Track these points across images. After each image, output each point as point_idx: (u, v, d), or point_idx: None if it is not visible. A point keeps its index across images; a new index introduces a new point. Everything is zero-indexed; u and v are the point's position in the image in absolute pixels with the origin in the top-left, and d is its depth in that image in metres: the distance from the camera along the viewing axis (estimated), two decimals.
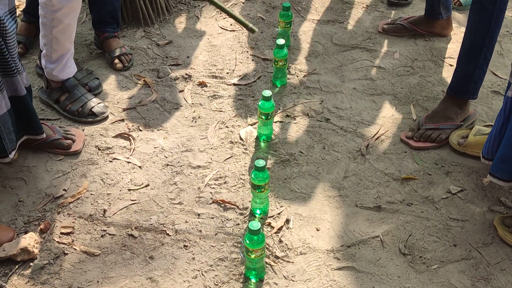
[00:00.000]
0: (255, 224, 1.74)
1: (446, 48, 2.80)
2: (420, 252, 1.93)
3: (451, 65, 2.69)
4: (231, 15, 2.04)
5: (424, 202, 2.09)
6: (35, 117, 2.11)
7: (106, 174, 2.17)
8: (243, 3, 3.10)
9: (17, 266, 1.85)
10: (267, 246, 1.91)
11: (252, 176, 1.93)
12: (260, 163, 1.91)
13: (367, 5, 3.10)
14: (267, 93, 2.19)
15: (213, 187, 2.13)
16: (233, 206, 2.06)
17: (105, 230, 1.98)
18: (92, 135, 2.32)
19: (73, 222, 2.00)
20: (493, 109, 2.47)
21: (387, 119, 2.43)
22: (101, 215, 2.02)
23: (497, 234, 1.97)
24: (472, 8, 2.20)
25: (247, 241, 1.75)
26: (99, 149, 2.26)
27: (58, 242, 1.94)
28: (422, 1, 3.13)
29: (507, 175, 1.95)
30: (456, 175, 2.19)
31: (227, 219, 2.02)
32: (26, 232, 1.94)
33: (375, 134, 2.35)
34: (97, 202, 2.07)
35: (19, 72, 2.01)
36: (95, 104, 2.38)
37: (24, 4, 2.77)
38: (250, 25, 1.98)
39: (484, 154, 2.04)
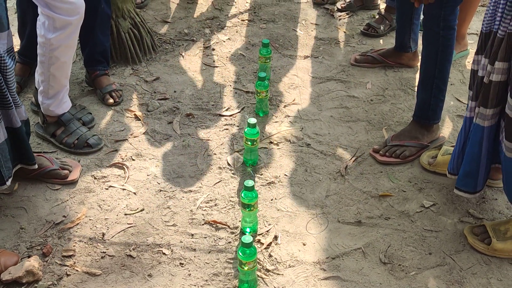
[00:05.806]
0: (247, 238, 1.88)
1: (414, 78, 3.04)
2: (399, 261, 2.09)
3: None
4: None
5: (401, 216, 2.27)
6: (28, 148, 2.23)
7: (103, 200, 2.30)
8: (224, 41, 3.31)
9: None
10: (258, 260, 2.05)
11: (242, 195, 2.08)
12: (249, 183, 2.07)
13: (339, 41, 3.34)
14: (253, 120, 2.37)
15: (205, 209, 2.28)
16: (224, 226, 2.21)
17: (105, 252, 2.10)
18: (88, 166, 2.46)
19: (74, 246, 2.11)
20: (458, 131, 2.68)
21: (363, 143, 2.63)
22: (100, 238, 2.15)
23: (467, 242, 2.15)
24: (423, 43, 2.47)
25: (240, 254, 1.89)
26: (95, 178, 2.40)
27: (60, 264, 2.04)
28: (391, 37, 3.39)
29: (472, 188, 2.15)
30: (428, 191, 2.38)
31: (219, 238, 2.16)
32: (29, 257, 2.05)
33: (353, 157, 2.54)
34: (95, 226, 2.19)
35: (17, 105, 2.15)
36: (90, 136, 2.52)
37: (19, 47, 2.93)
38: None
39: (450, 170, 2.24)
